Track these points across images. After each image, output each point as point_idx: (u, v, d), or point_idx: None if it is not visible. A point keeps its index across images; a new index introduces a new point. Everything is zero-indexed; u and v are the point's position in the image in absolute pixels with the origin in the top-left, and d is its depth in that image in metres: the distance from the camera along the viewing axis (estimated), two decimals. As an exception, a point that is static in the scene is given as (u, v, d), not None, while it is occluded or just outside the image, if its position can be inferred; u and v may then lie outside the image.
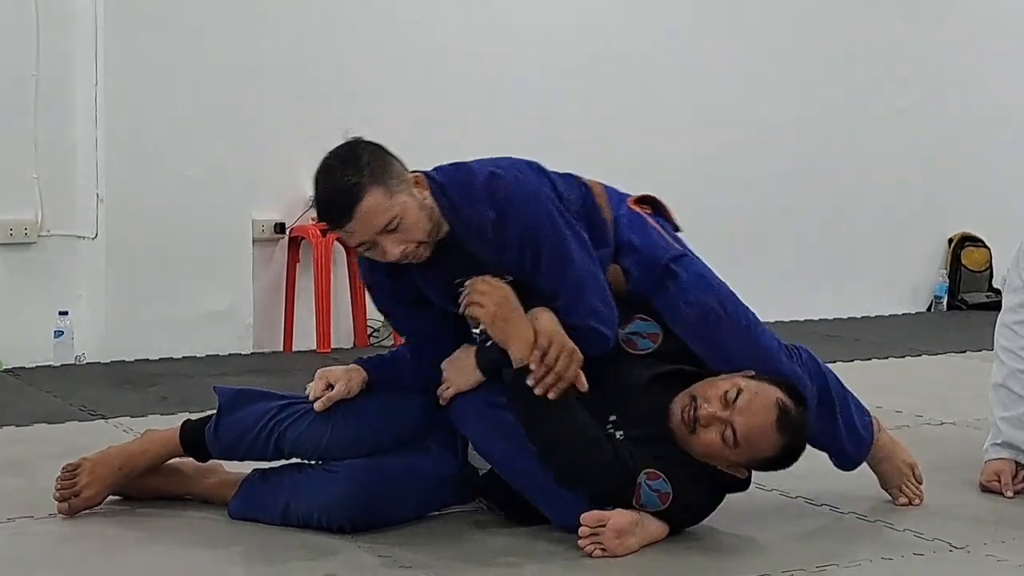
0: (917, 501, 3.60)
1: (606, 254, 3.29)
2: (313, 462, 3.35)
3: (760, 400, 3.11)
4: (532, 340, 3.06)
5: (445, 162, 3.36)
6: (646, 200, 3.47)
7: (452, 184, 3.21)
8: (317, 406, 3.28)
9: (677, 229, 3.49)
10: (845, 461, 3.54)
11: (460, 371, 3.29)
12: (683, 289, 3.30)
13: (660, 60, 7.25)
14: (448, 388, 3.30)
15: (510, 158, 3.29)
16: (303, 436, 3.30)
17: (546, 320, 3.11)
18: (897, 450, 3.63)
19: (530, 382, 3.05)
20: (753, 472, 3.32)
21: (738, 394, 3.10)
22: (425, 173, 3.25)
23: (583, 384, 3.10)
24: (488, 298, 3.08)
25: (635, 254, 3.31)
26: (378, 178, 3.08)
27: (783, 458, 3.18)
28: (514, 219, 3.14)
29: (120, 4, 5.81)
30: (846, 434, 3.47)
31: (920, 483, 3.63)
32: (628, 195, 3.46)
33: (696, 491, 3.22)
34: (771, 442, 3.12)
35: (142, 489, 3.48)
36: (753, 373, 3.21)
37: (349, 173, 3.08)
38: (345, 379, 3.32)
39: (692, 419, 3.11)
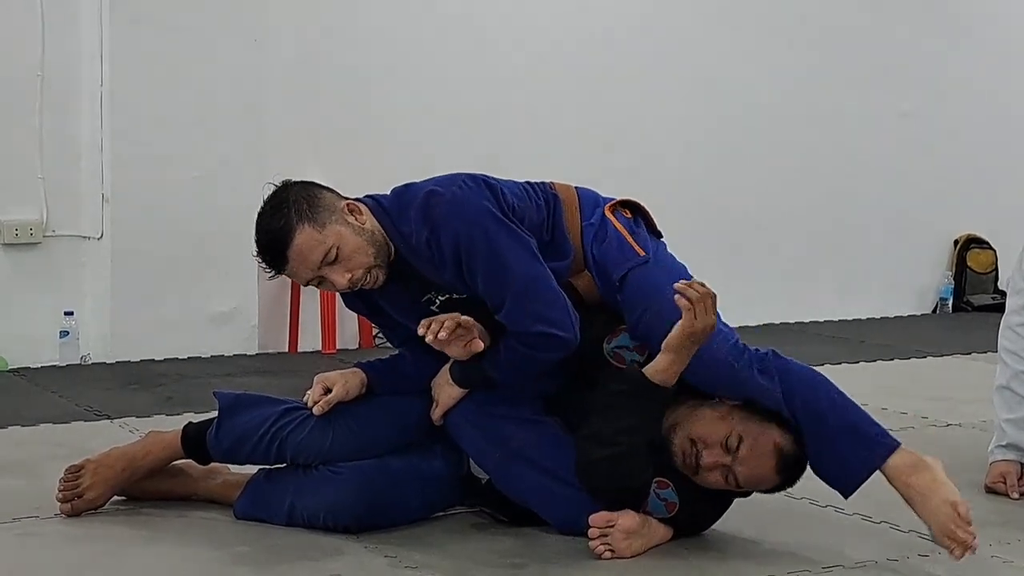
0: (964, 550, 2.99)
1: (563, 266, 3.25)
2: (317, 465, 3.35)
3: (760, 447, 3.10)
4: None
5: (444, 161, 3.36)
6: (628, 204, 3.42)
7: (393, 205, 3.24)
8: (316, 410, 3.29)
9: (659, 236, 3.42)
10: (846, 477, 3.20)
11: (441, 389, 3.32)
12: (630, 305, 3.23)
13: (663, 60, 7.25)
14: (436, 408, 3.32)
15: (457, 174, 3.26)
16: (305, 442, 3.31)
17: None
18: (939, 488, 3.09)
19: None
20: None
21: (739, 443, 3.09)
22: (372, 197, 3.28)
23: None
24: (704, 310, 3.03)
25: (596, 267, 3.29)
26: (305, 215, 3.13)
27: (782, 488, 3.22)
28: (445, 235, 3.13)
29: (125, 5, 5.81)
30: (842, 445, 3.18)
31: (969, 523, 3.01)
32: (609, 199, 3.40)
33: (702, 502, 3.23)
34: (771, 482, 3.16)
35: (148, 490, 3.48)
36: (740, 404, 3.16)
37: (276, 217, 3.15)
38: (343, 382, 3.32)
39: (695, 465, 3.11)
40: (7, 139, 5.79)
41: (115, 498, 3.44)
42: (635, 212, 3.42)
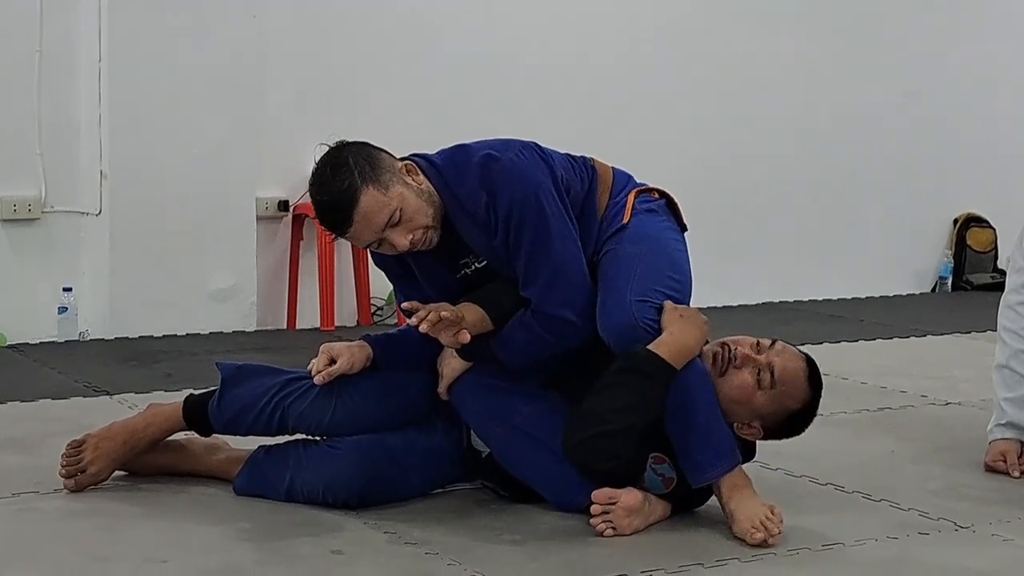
0: (766, 536, 3.08)
1: (588, 251, 3.26)
2: (318, 438, 3.36)
3: (791, 351, 3.24)
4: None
5: (447, 137, 3.36)
6: (657, 191, 3.42)
7: (448, 165, 3.22)
8: (317, 380, 3.29)
9: (684, 229, 3.42)
10: (694, 472, 3.18)
11: (446, 362, 3.32)
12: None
13: (666, 38, 7.23)
14: (441, 381, 3.33)
15: (510, 140, 3.27)
16: (307, 412, 3.31)
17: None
18: (758, 499, 3.17)
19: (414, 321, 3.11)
20: (756, 454, 3.34)
21: (772, 343, 3.22)
22: (422, 155, 3.26)
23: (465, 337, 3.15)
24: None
25: (596, 245, 3.29)
26: (368, 176, 3.10)
27: (805, 414, 3.25)
28: (503, 201, 3.12)
29: (124, -20, 5.80)
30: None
31: (781, 521, 3.12)
32: (640, 184, 3.41)
33: None
34: (801, 391, 3.21)
35: (149, 465, 3.48)
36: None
37: (339, 179, 3.10)
38: (348, 355, 3.31)
39: (726, 359, 3.16)
40: (5, 115, 5.77)
41: (116, 474, 3.43)
42: (663, 199, 3.41)
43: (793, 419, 3.26)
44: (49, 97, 5.83)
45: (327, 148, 3.20)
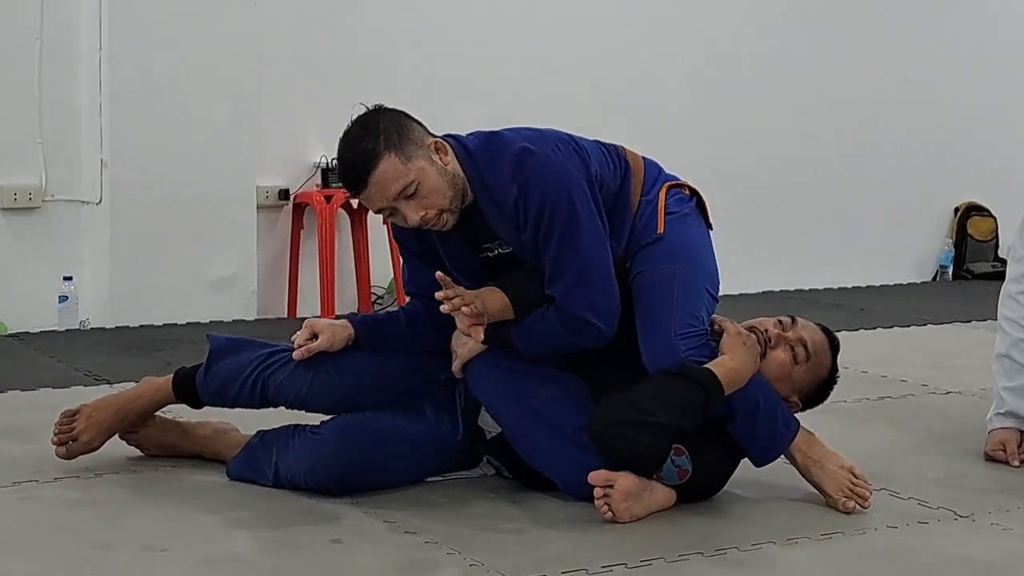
0: (860, 502, 3.26)
1: (619, 251, 3.25)
2: (305, 427, 3.37)
3: (809, 325, 3.35)
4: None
5: (446, 126, 3.35)
6: (688, 188, 3.42)
7: (481, 153, 3.20)
8: (296, 355, 3.32)
9: (709, 227, 3.44)
10: (763, 455, 3.29)
11: (462, 341, 3.31)
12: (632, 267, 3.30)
13: (668, 26, 7.23)
14: (455, 360, 3.32)
15: (546, 132, 3.25)
16: (285, 383, 3.34)
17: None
18: (832, 456, 3.31)
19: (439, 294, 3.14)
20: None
21: (792, 319, 3.33)
22: (456, 137, 3.25)
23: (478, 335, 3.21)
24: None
25: (628, 244, 3.29)
26: (394, 144, 3.09)
27: (831, 379, 3.36)
28: (535, 197, 3.11)
29: (124, -32, 5.79)
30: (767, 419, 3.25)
31: (865, 480, 3.29)
32: (671, 177, 3.40)
33: (715, 468, 3.25)
34: (827, 358, 3.34)
35: (157, 443, 3.54)
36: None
37: (365, 141, 3.11)
38: (329, 332, 3.34)
39: (763, 342, 3.24)
40: (6, 103, 5.78)
41: (115, 462, 3.44)
42: (693, 198, 3.42)
43: (823, 386, 3.37)
44: (50, 85, 5.83)
45: (364, 108, 3.21)
